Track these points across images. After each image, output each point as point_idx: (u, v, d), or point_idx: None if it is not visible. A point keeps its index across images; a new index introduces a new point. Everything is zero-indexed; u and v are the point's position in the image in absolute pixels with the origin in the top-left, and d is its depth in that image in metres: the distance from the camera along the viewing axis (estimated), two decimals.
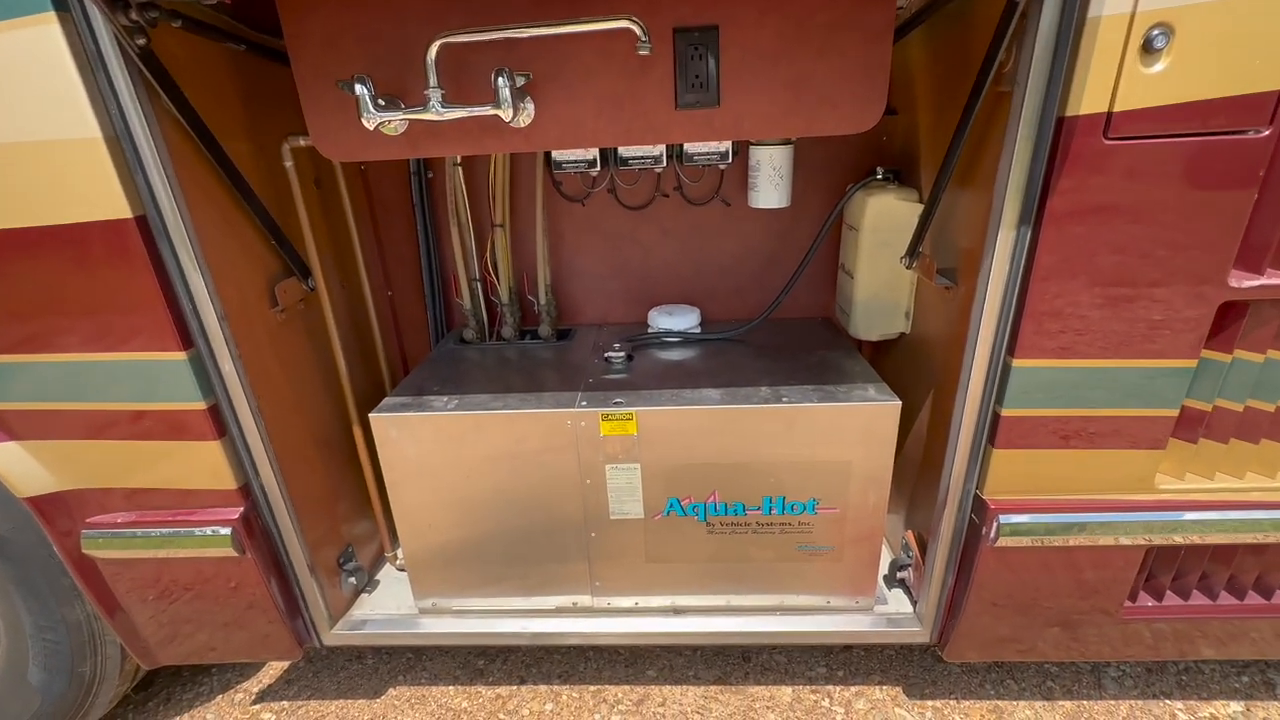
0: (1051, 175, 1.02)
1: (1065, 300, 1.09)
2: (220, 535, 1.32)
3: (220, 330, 1.20)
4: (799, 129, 1.21)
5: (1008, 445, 1.22)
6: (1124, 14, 0.92)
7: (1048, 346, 1.13)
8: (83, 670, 1.53)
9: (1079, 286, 1.08)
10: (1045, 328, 1.12)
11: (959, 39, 1.26)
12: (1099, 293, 1.08)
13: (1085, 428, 1.19)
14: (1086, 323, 1.10)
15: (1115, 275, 1.07)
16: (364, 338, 1.79)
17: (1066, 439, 1.20)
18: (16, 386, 1.24)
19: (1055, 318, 1.11)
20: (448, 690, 1.78)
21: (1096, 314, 1.10)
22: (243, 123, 1.32)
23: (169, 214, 1.11)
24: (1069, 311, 1.10)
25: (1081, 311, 1.10)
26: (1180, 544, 1.27)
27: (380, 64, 1.17)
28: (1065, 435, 1.20)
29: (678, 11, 1.13)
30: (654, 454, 1.39)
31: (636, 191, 1.82)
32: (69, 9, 0.96)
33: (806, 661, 1.81)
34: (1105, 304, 1.09)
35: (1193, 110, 0.96)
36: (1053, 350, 1.13)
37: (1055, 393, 1.16)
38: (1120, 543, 1.25)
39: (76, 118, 1.02)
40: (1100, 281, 1.08)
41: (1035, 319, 1.11)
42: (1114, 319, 1.10)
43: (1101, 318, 1.10)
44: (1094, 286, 1.08)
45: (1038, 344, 1.13)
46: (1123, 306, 1.09)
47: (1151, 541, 1.25)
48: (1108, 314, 1.09)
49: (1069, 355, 1.13)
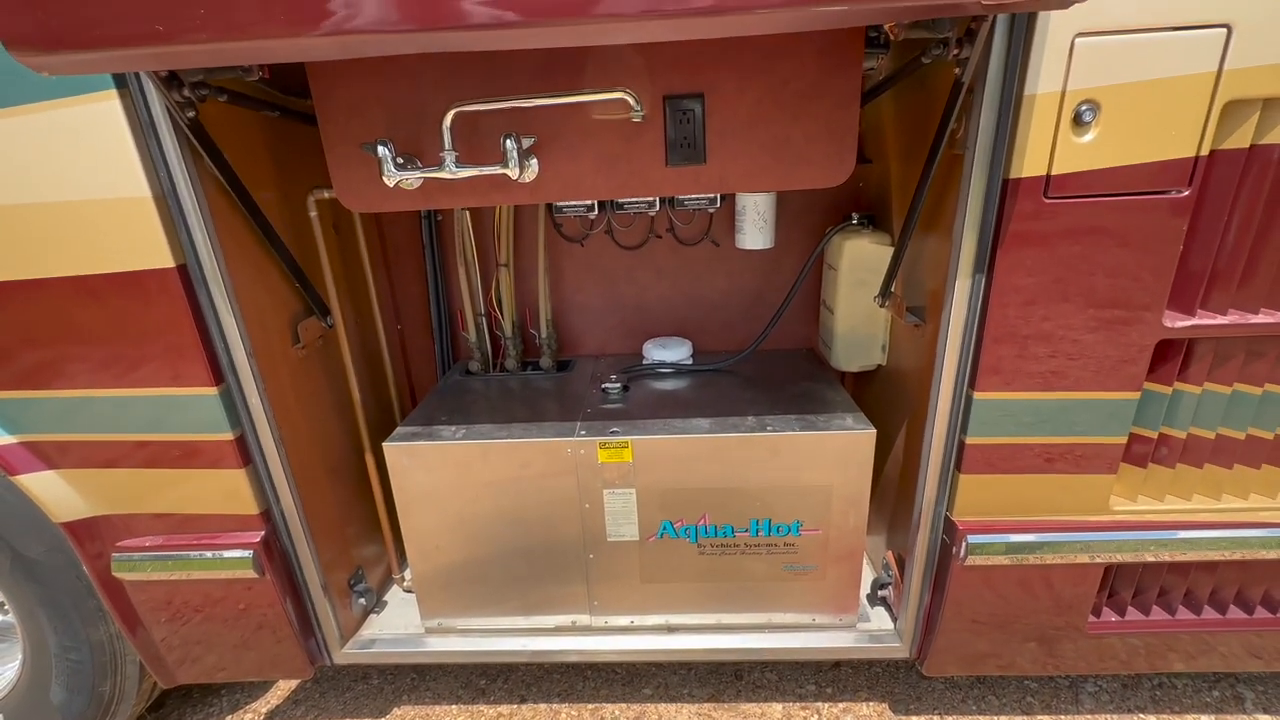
0: (1000, 229, 1.14)
1: (1017, 339, 1.21)
2: (242, 558, 1.41)
3: (249, 367, 1.31)
4: (777, 183, 1.34)
5: (973, 470, 1.32)
6: (1055, 92, 1.05)
7: (1004, 381, 1.24)
8: (103, 690, 1.60)
9: (1029, 327, 1.20)
10: (1001, 364, 1.23)
11: (922, 102, 1.39)
12: (1046, 333, 1.20)
13: (1042, 454, 1.30)
14: (1037, 359, 1.22)
15: (1060, 317, 1.19)
16: (375, 369, 1.90)
17: (1026, 464, 1.31)
18: (59, 419, 1.34)
19: (1009, 355, 1.22)
20: (451, 709, 1.85)
21: (1046, 351, 1.21)
22: (271, 176, 1.45)
23: (207, 263, 1.22)
24: (1021, 349, 1.22)
25: (1032, 349, 1.21)
26: (1134, 562, 1.37)
27: (399, 127, 1.30)
28: (1025, 461, 1.31)
29: (668, 81, 1.26)
30: (648, 479, 1.49)
31: (632, 233, 1.94)
32: (128, 87, 1.09)
33: (796, 679, 1.89)
34: (1053, 342, 1.21)
35: (1120, 174, 1.09)
36: (1009, 384, 1.25)
37: (1013, 422, 1.27)
38: (1078, 561, 1.35)
39: (130, 179, 1.14)
40: (1046, 323, 1.19)
41: (992, 356, 1.23)
42: (1062, 356, 1.21)
43: (1050, 354, 1.21)
44: (1041, 328, 1.20)
45: (995, 379, 1.24)
46: (1069, 344, 1.21)
47: (1108, 560, 1.35)
48: (1056, 351, 1.21)
49: (1024, 388, 1.25)
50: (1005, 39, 1.03)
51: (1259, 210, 1.13)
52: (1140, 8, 1.01)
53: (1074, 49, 1.03)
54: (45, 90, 1.09)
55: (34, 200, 1.16)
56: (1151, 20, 1.01)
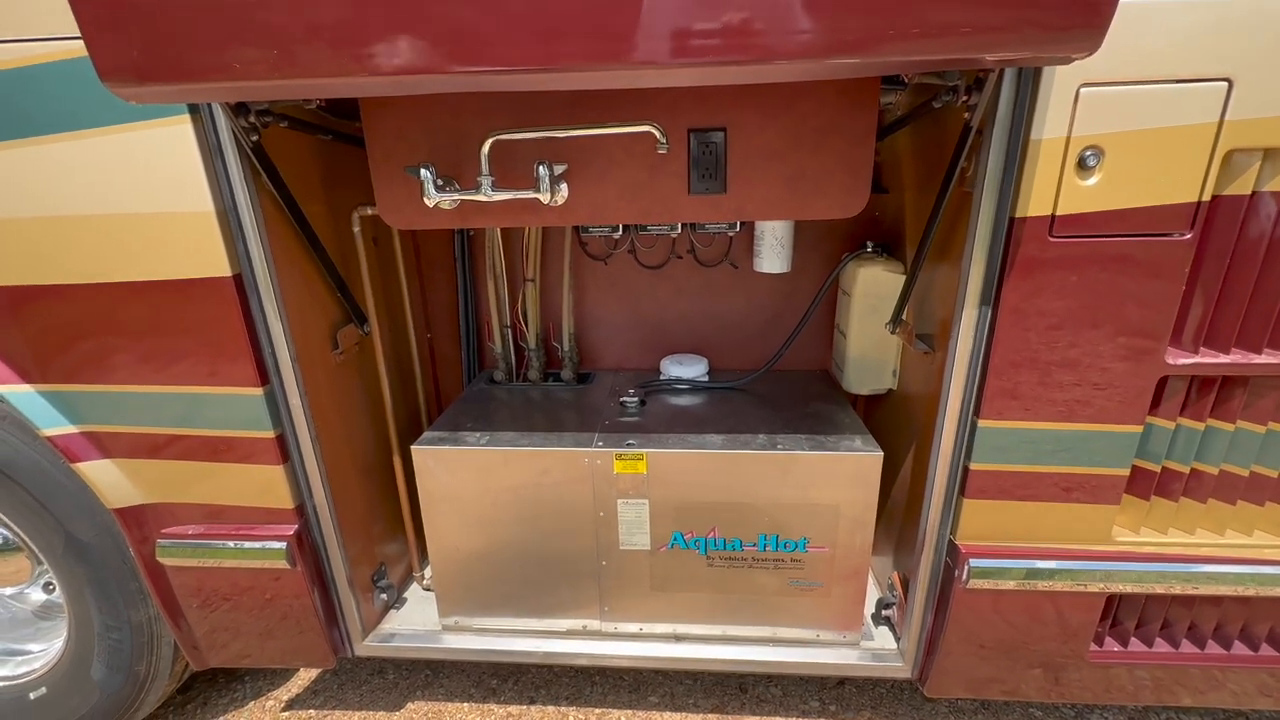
0: (1006, 265, 1.20)
1: (1021, 371, 1.26)
2: (277, 549, 1.50)
3: (292, 370, 1.41)
4: (795, 213, 1.41)
5: (977, 495, 1.36)
6: (1061, 137, 1.10)
7: (1009, 409, 1.29)
8: (139, 669, 1.69)
9: (1033, 360, 1.24)
10: (1005, 393, 1.28)
11: (936, 139, 1.45)
12: (1051, 365, 1.24)
13: (1046, 482, 1.33)
14: (1041, 390, 1.26)
15: (1064, 352, 1.23)
16: (405, 375, 1.99)
17: (1030, 492, 1.35)
18: (116, 411, 1.45)
19: (1014, 385, 1.27)
20: (462, 707, 1.92)
21: (1049, 383, 1.26)
22: (320, 193, 1.55)
23: (260, 273, 1.33)
24: (1025, 380, 1.26)
25: (1036, 380, 1.26)
26: (1135, 593, 1.39)
27: (440, 152, 1.40)
28: (1029, 488, 1.34)
29: (692, 115, 1.34)
30: (661, 491, 1.55)
31: (654, 253, 2.02)
32: (200, 113, 1.20)
33: (801, 695, 1.92)
34: (1056, 375, 1.25)
35: (1123, 216, 1.13)
36: (1013, 413, 1.29)
37: (1017, 450, 1.31)
38: (1080, 589, 1.38)
39: (197, 195, 1.25)
40: (1051, 355, 1.24)
41: (997, 385, 1.27)
42: (1065, 388, 1.25)
43: (1054, 387, 1.26)
44: (1045, 360, 1.24)
45: (1000, 407, 1.29)
46: (1072, 378, 1.25)
47: (1109, 589, 1.37)
48: (1059, 384, 1.25)
49: (1027, 418, 1.29)
50: (1013, 87, 1.09)
51: (1261, 254, 1.17)
52: (1144, 61, 1.06)
53: (1079, 98, 1.08)
54: (127, 114, 1.20)
55: (110, 211, 1.27)
56: (1155, 73, 1.06)
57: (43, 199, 1.27)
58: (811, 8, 0.84)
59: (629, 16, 0.86)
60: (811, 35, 0.86)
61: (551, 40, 0.88)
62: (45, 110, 1.21)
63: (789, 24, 0.85)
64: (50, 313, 1.36)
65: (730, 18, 0.85)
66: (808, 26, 0.85)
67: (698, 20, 0.86)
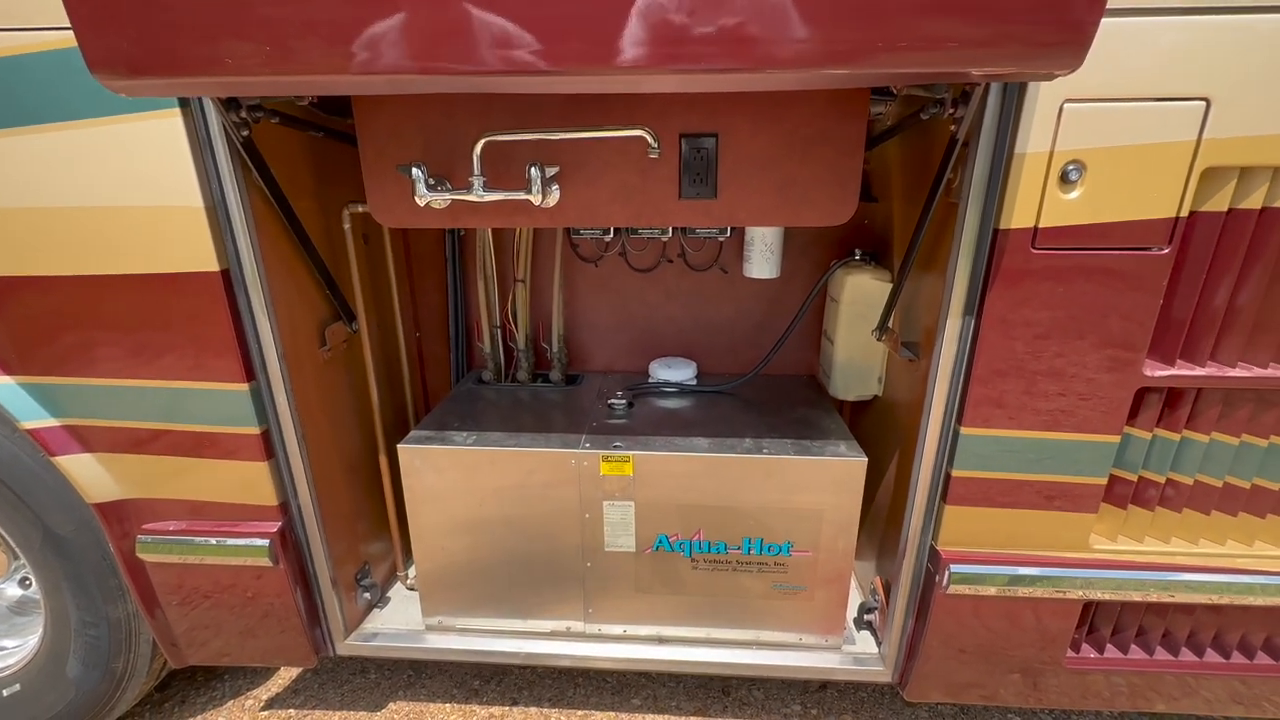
0: (990, 275, 1.21)
1: (1003, 380, 1.28)
2: (259, 546, 1.49)
3: (279, 366, 1.40)
4: (784, 220, 1.42)
5: (958, 502, 1.38)
6: (1044, 151, 1.13)
7: (990, 418, 1.31)
8: (116, 666, 1.67)
9: (1014, 369, 1.27)
10: (987, 402, 1.30)
11: (924, 149, 1.47)
12: (1032, 375, 1.26)
13: (1025, 490, 1.35)
14: (1022, 400, 1.28)
15: (1045, 362, 1.25)
16: (393, 373, 1.99)
17: (1010, 499, 1.37)
18: (98, 405, 1.43)
19: (996, 394, 1.29)
20: (444, 707, 1.91)
21: (1030, 393, 1.28)
22: (310, 189, 1.55)
23: (248, 269, 1.32)
24: (1007, 389, 1.28)
25: (1018, 390, 1.28)
26: (1111, 600, 1.41)
27: (432, 152, 1.40)
28: (1009, 496, 1.36)
29: (684, 120, 1.35)
30: (647, 493, 1.56)
31: (644, 256, 2.03)
32: (190, 107, 1.19)
33: (782, 699, 1.93)
34: (1037, 385, 1.27)
35: (1104, 230, 1.16)
36: (994, 421, 1.31)
37: (998, 458, 1.33)
38: (1056, 596, 1.40)
39: (186, 189, 1.24)
40: (1032, 365, 1.26)
41: (979, 394, 1.29)
42: (1045, 398, 1.28)
43: (1034, 396, 1.28)
44: (1027, 370, 1.26)
45: (982, 415, 1.31)
46: (1052, 388, 1.27)
47: (1085, 596, 1.40)
48: (1040, 393, 1.27)
49: (1008, 426, 1.31)
50: (998, 102, 1.11)
51: (1237, 269, 1.20)
52: (1125, 79, 1.08)
53: (1062, 113, 1.10)
54: (116, 107, 1.19)
55: (97, 204, 1.26)
56: (1136, 91, 1.09)
57: (27, 189, 1.26)
58: (804, 18, 0.86)
59: (623, 22, 0.87)
60: (803, 45, 0.87)
61: (545, 44, 0.89)
62: (32, 100, 1.20)
63: (782, 33, 0.87)
64: (33, 304, 1.35)
65: (723, 25, 0.87)
66: (800, 36, 0.87)
67: (691, 27, 0.87)
